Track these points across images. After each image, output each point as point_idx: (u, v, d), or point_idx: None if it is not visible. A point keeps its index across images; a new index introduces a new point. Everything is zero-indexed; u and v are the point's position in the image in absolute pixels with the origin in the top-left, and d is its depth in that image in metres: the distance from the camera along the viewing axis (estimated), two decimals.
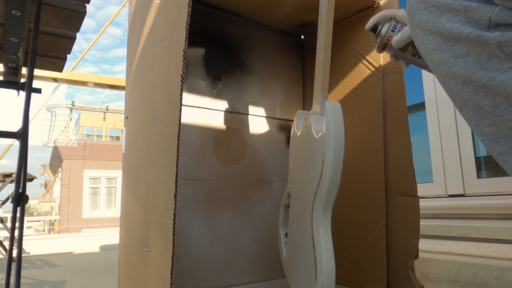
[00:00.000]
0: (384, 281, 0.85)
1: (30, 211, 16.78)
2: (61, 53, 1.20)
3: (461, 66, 0.35)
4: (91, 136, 16.31)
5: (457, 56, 0.35)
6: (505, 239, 0.98)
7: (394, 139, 0.86)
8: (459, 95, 0.38)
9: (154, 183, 0.66)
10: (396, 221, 0.85)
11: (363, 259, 0.90)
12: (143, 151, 0.74)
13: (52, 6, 0.97)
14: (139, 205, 0.73)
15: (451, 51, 0.36)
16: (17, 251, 0.84)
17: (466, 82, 0.36)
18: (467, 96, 0.37)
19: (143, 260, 0.68)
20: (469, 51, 0.35)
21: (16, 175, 0.90)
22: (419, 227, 0.82)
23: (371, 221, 0.89)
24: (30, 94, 0.93)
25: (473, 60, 0.35)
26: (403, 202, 0.84)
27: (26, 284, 1.45)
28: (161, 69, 0.68)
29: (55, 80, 3.50)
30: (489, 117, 0.36)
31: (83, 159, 13.46)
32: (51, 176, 17.78)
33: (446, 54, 0.36)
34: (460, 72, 0.36)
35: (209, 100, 0.97)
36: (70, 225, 12.63)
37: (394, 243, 0.85)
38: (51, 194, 18.07)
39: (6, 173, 2.91)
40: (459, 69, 0.36)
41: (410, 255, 0.82)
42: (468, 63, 0.35)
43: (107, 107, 16.70)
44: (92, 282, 1.45)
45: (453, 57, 0.36)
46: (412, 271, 0.82)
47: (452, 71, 0.36)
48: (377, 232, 0.87)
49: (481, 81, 0.35)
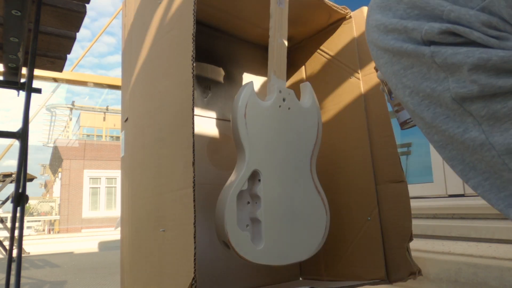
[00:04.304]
0: (383, 268, 0.87)
1: (30, 211, 16.79)
2: (61, 53, 1.20)
3: (409, 77, 0.39)
4: (91, 136, 16.31)
5: (405, 68, 0.39)
6: (505, 239, 0.98)
7: (378, 132, 0.92)
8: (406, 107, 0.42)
9: (167, 163, 0.68)
10: (388, 208, 0.89)
11: (360, 251, 0.92)
12: (152, 139, 0.74)
13: (52, 6, 0.97)
14: (147, 192, 0.74)
15: (399, 64, 0.40)
16: (17, 251, 0.84)
17: (413, 93, 0.39)
18: (410, 107, 0.40)
19: (157, 243, 0.68)
20: (413, 63, 0.38)
21: (16, 175, 0.90)
22: (410, 211, 0.85)
23: (364, 212, 0.92)
24: (30, 94, 0.93)
25: (418, 71, 0.38)
26: (392, 189, 0.89)
27: (26, 284, 1.45)
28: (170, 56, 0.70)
29: (55, 80, 3.50)
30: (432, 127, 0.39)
31: (83, 159, 13.46)
32: (51, 176, 17.79)
33: (396, 66, 0.40)
34: (409, 83, 0.39)
35: (201, 108, 1.00)
36: (70, 225, 12.64)
37: (388, 229, 0.88)
38: (51, 194, 18.08)
39: (6, 173, 2.92)
40: (408, 80, 0.39)
41: (405, 238, 0.85)
42: (415, 74, 0.39)
43: (107, 107, 16.70)
44: (92, 282, 1.45)
45: (402, 69, 0.39)
46: (408, 254, 0.85)
47: (402, 82, 0.40)
48: (371, 221, 0.90)
49: (425, 91, 0.38)
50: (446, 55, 0.36)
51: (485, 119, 0.36)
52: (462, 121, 0.37)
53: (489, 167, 0.37)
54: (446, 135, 0.39)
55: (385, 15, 0.40)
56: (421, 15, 0.37)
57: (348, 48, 0.99)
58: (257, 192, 0.78)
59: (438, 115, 0.38)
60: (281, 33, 0.84)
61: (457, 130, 0.38)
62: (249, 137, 0.77)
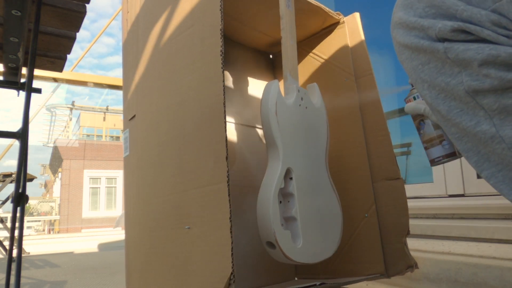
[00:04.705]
0: (381, 263, 0.89)
1: (30, 211, 16.79)
2: (61, 53, 1.19)
3: (426, 72, 0.42)
4: (91, 136, 16.32)
5: (423, 64, 0.42)
6: (505, 239, 0.98)
7: (373, 131, 0.95)
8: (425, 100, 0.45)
9: (191, 159, 0.67)
10: (385, 204, 0.91)
11: (358, 246, 0.93)
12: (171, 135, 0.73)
13: (52, 6, 0.97)
14: (165, 191, 0.73)
15: (418, 59, 0.43)
16: (17, 251, 0.84)
17: (430, 87, 0.42)
18: (428, 101, 0.43)
19: (179, 242, 0.67)
20: (430, 59, 0.41)
21: (16, 175, 0.90)
22: (407, 207, 0.88)
23: (361, 209, 0.94)
24: (30, 94, 0.93)
25: (434, 66, 0.41)
26: (389, 186, 0.91)
27: (27, 284, 1.45)
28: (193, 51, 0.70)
29: (55, 80, 3.50)
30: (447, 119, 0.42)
31: (83, 159, 13.46)
32: (51, 176, 17.79)
33: (415, 62, 0.43)
34: (426, 78, 0.42)
35: None
36: (70, 225, 12.64)
37: (385, 225, 0.91)
38: (51, 194, 18.08)
39: (6, 173, 2.92)
40: (425, 75, 0.42)
41: (403, 233, 0.88)
42: (431, 69, 0.42)
43: (107, 107, 16.70)
44: (92, 282, 1.45)
45: (420, 64, 0.43)
46: (406, 247, 0.88)
47: (421, 76, 0.43)
48: (368, 218, 0.92)
49: (440, 85, 0.41)
50: (458, 51, 0.38)
51: (497, 113, 0.38)
52: (474, 114, 0.39)
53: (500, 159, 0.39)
54: (460, 127, 0.41)
55: (407, 13, 0.43)
56: (438, 13, 0.40)
57: (342, 51, 1.02)
58: (291, 190, 0.78)
59: (452, 108, 0.41)
60: (292, 34, 0.86)
61: (470, 123, 0.40)
62: (281, 135, 0.78)
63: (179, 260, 0.67)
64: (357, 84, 0.99)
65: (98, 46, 45.10)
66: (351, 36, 1.01)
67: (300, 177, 0.80)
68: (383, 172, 0.92)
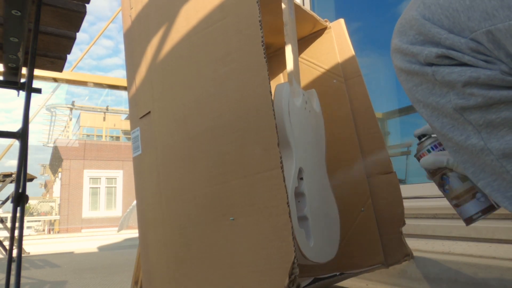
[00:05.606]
0: (380, 254, 0.92)
1: (30, 211, 16.79)
2: (61, 53, 1.19)
3: (420, 93, 0.46)
4: (91, 136, 16.32)
5: (417, 85, 0.46)
6: (505, 239, 0.99)
7: (365, 130, 1.00)
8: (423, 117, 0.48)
9: (232, 150, 0.66)
10: (381, 197, 0.96)
11: (356, 239, 0.96)
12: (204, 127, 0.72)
13: (52, 6, 0.97)
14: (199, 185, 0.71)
15: (412, 81, 0.47)
16: (17, 251, 0.84)
17: (425, 106, 0.46)
18: (425, 118, 0.47)
19: (222, 234, 0.66)
20: (422, 81, 0.45)
21: (16, 175, 0.90)
22: (401, 198, 0.93)
23: (357, 204, 0.98)
24: (30, 94, 0.93)
25: (426, 87, 0.45)
26: (383, 180, 0.96)
27: (26, 284, 1.45)
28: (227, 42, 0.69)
29: (55, 80, 3.50)
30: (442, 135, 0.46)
31: (83, 159, 13.47)
32: (51, 176, 17.80)
33: (410, 84, 0.47)
34: (420, 98, 0.46)
35: None
36: (70, 225, 12.64)
37: (382, 217, 0.95)
38: (51, 194, 18.09)
39: (6, 173, 2.92)
40: (419, 95, 0.46)
41: (398, 223, 0.93)
42: (424, 90, 0.46)
43: (107, 107, 16.71)
44: (92, 282, 1.45)
45: (414, 85, 0.47)
46: (402, 237, 0.92)
47: (416, 97, 0.47)
48: (365, 212, 0.96)
49: (432, 104, 0.45)
50: (444, 74, 0.43)
51: (484, 127, 0.42)
52: (464, 129, 0.44)
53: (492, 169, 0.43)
54: (453, 142, 0.45)
55: (401, 39, 0.47)
56: (425, 40, 0.44)
57: (330, 55, 1.06)
58: (303, 190, 0.79)
59: (445, 124, 0.45)
60: (294, 40, 0.89)
61: (461, 137, 0.44)
62: (294, 134, 0.79)
63: (223, 253, 0.66)
64: (346, 85, 1.03)
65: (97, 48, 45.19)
66: (337, 41, 1.06)
67: (309, 178, 0.81)
68: (377, 167, 0.97)
